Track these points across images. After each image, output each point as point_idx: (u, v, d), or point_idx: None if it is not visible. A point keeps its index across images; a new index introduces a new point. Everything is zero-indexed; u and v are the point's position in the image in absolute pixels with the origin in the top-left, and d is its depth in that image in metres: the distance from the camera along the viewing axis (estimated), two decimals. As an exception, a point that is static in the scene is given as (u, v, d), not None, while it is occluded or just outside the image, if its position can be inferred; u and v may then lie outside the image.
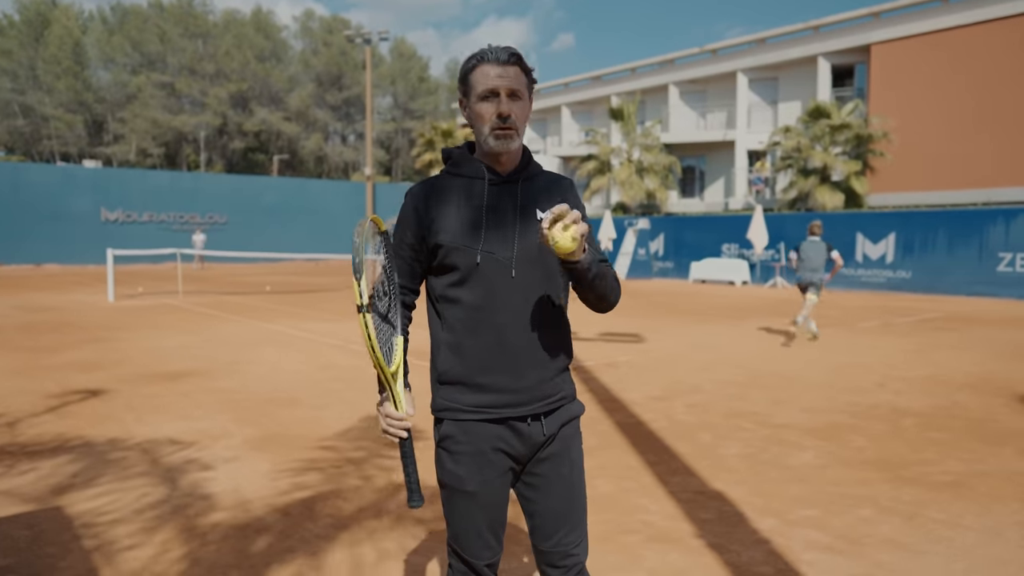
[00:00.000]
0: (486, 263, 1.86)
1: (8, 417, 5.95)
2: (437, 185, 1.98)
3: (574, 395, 2.05)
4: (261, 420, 5.94)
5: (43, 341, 10.08)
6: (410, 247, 1.96)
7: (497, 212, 1.90)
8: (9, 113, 51.67)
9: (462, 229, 1.89)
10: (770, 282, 22.18)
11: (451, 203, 1.92)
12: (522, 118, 1.88)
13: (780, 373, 8.10)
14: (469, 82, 1.89)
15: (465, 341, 1.91)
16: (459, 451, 1.92)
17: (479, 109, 1.86)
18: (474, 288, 1.88)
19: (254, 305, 15.44)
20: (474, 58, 1.88)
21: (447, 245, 1.88)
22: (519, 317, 1.89)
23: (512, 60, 1.85)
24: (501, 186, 1.92)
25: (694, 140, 34.64)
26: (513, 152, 1.90)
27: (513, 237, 1.88)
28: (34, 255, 31.26)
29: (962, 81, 26.04)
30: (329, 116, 61.33)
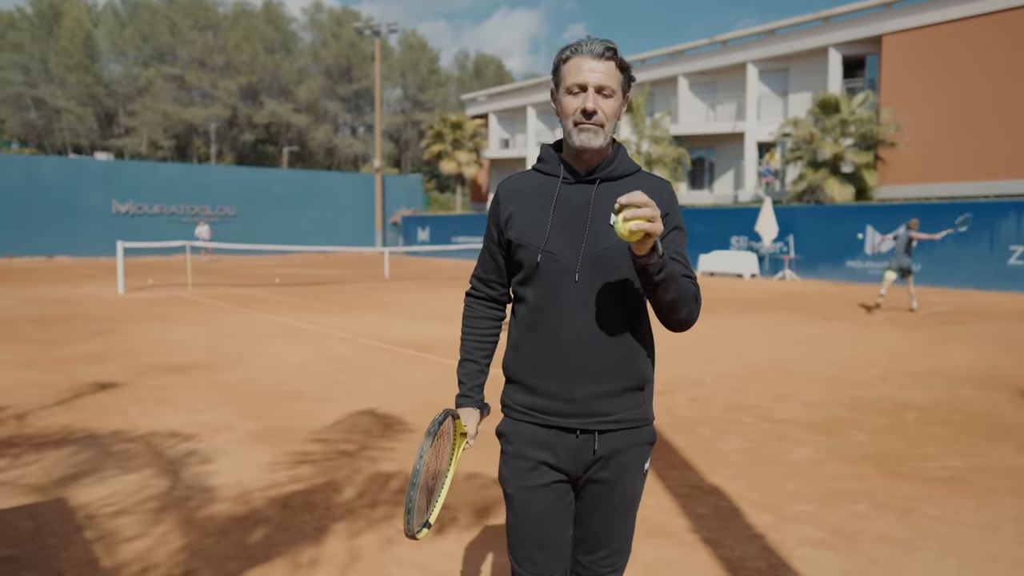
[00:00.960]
0: (547, 263, 1.81)
1: (17, 409, 6.03)
2: (520, 180, 1.96)
3: (647, 420, 1.92)
4: (264, 413, 6.00)
5: (53, 333, 10.18)
6: (493, 241, 1.98)
7: (567, 212, 1.83)
8: (22, 106, 51.99)
9: (529, 226, 1.86)
10: (779, 275, 22.10)
11: (526, 199, 1.90)
12: (611, 115, 1.80)
13: (783, 367, 8.10)
14: (560, 74, 1.83)
15: (524, 340, 1.89)
16: (507, 450, 1.92)
17: (565, 103, 1.81)
18: (536, 288, 1.85)
19: (263, 297, 15.52)
20: (568, 50, 1.82)
21: (514, 241, 1.88)
22: (575, 324, 1.81)
23: (607, 55, 1.77)
24: (576, 185, 1.86)
25: (703, 132, 34.48)
26: (596, 150, 1.81)
27: (581, 240, 1.80)
28: (46, 247, 31.50)
29: (974, 72, 25.79)
30: (339, 108, 61.41)
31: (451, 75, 71.17)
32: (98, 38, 54.37)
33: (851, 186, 26.04)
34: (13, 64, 51.28)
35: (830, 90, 28.82)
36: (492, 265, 2.01)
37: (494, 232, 1.97)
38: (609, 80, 1.77)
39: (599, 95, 1.77)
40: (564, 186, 1.86)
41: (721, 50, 34.73)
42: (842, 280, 20.71)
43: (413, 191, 44.24)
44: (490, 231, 1.99)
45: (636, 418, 1.88)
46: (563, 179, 1.86)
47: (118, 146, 53.39)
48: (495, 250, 1.98)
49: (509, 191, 1.95)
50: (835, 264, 21.12)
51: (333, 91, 60.62)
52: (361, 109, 62.32)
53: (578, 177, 1.85)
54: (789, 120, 28.33)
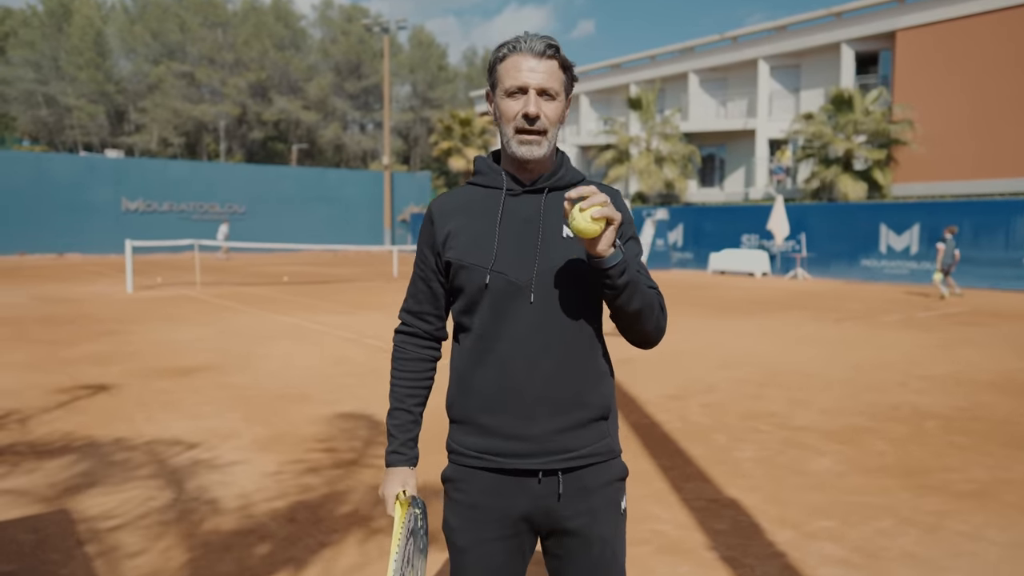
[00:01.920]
0: (497, 285, 1.62)
1: (20, 414, 5.96)
2: (455, 196, 1.77)
3: (614, 453, 1.73)
4: (270, 418, 5.90)
5: (60, 333, 10.13)
6: (428, 267, 1.77)
7: (515, 226, 1.66)
8: (33, 103, 52.18)
9: (472, 245, 1.66)
10: (791, 273, 21.90)
11: (466, 216, 1.70)
12: (554, 120, 1.63)
13: (799, 371, 7.95)
14: (497, 74, 1.66)
15: (470, 373, 1.69)
16: (456, 498, 1.71)
17: (504, 106, 1.63)
18: (484, 314, 1.65)
19: (270, 296, 15.46)
20: (505, 47, 1.64)
21: (455, 263, 1.68)
22: (534, 350, 1.62)
23: (549, 53, 1.61)
24: (522, 197, 1.69)
25: (714, 129, 34.24)
26: (540, 160, 1.65)
27: (533, 256, 1.63)
28: (56, 244, 31.59)
29: (988, 69, 25.47)
30: (348, 105, 61.36)
31: (460, 72, 70.96)
32: (108, 35, 54.48)
33: (864, 184, 25.79)
34: (24, 62, 51.46)
35: (843, 87, 28.53)
36: (427, 295, 1.78)
37: (428, 256, 1.75)
38: (551, 81, 1.61)
39: (541, 98, 1.61)
40: (509, 198, 1.69)
41: (732, 46, 34.48)
42: (856, 279, 20.49)
43: (422, 188, 44.16)
44: (423, 256, 1.77)
45: (602, 451, 1.68)
46: (507, 190, 1.69)
47: (128, 143, 53.53)
48: (430, 277, 1.76)
49: (444, 209, 1.75)
50: (849, 263, 20.90)
51: (342, 88, 60.58)
52: (370, 106, 62.26)
53: (523, 187, 1.69)
54: (801, 116, 28.09)
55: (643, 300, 1.59)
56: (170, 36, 54.61)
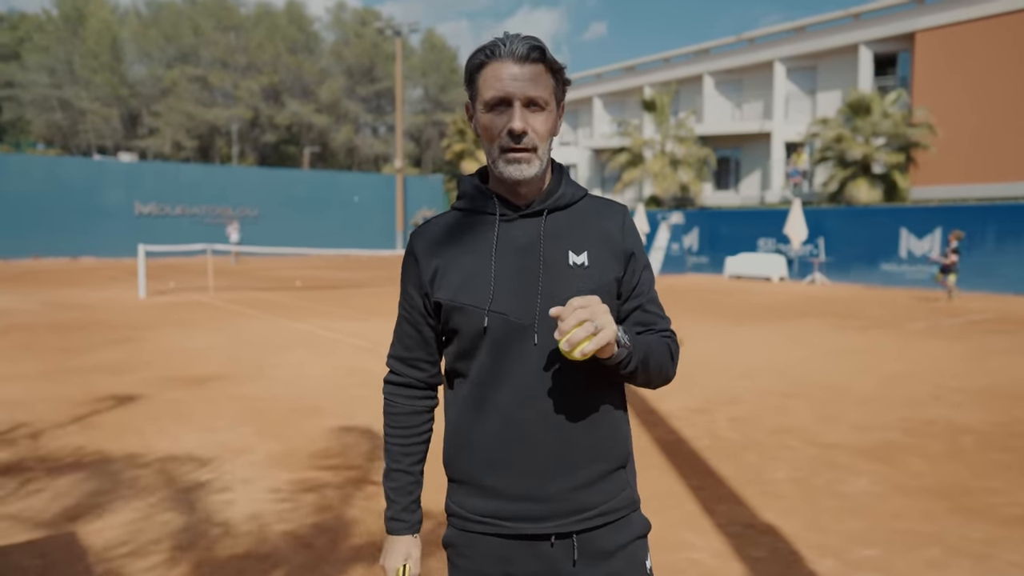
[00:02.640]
0: (497, 327, 1.43)
1: (31, 427, 5.83)
2: (440, 226, 1.56)
3: (635, 505, 1.56)
4: (284, 432, 5.75)
5: (72, 341, 10.03)
6: (416, 310, 1.56)
7: (512, 257, 1.46)
8: (47, 107, 52.48)
9: (465, 282, 1.47)
10: (808, 278, 21.60)
11: (455, 249, 1.50)
12: (544, 134, 1.43)
13: (826, 382, 7.73)
14: (476, 85, 1.45)
15: (469, 426, 1.49)
16: (460, 565, 1.54)
17: (486, 122, 1.43)
18: (482, 360, 1.46)
19: (283, 302, 15.34)
20: (482, 52, 1.43)
21: (446, 304, 1.48)
22: (542, 400, 1.44)
23: (533, 56, 1.40)
24: (517, 222, 1.49)
25: (729, 131, 33.94)
26: (532, 179, 1.45)
27: (535, 291, 1.44)
28: (70, 248, 31.66)
29: (1011, 70, 25.08)
30: (360, 108, 61.41)
31: (472, 74, 70.57)
32: (123, 39, 54.75)
33: (882, 187, 25.45)
34: (39, 66, 51.77)
35: (861, 88, 28.20)
36: (416, 340, 1.58)
37: (415, 298, 1.54)
38: (538, 89, 1.41)
39: (528, 110, 1.41)
40: (503, 224, 1.49)
41: (747, 48, 34.19)
42: (876, 284, 20.16)
43: (434, 191, 44.06)
44: (408, 297, 1.57)
45: (622, 506, 1.51)
46: (500, 216, 1.49)
47: (142, 147, 53.74)
48: (419, 320, 1.55)
49: (429, 241, 1.54)
50: (869, 267, 20.58)
51: (354, 91, 60.62)
52: (382, 109, 62.28)
53: (519, 211, 1.49)
54: (818, 120, 27.78)
55: (650, 371, 1.47)
56: (184, 40, 54.82)
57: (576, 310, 1.26)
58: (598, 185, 40.68)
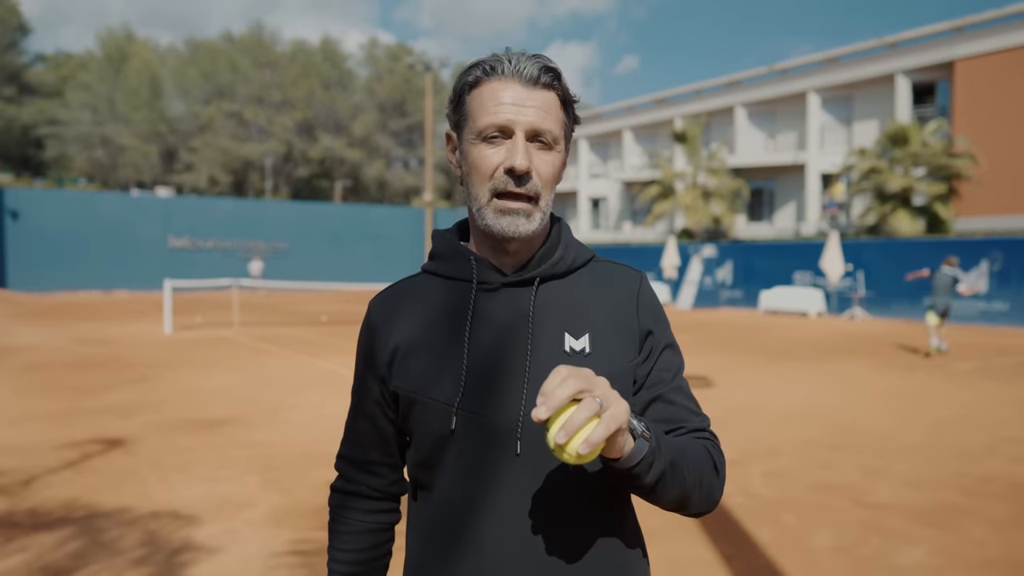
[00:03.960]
0: (467, 430, 1.10)
1: (27, 474, 5.58)
2: (407, 291, 1.24)
3: None
4: (290, 483, 5.42)
5: (88, 379, 9.86)
6: (371, 398, 1.23)
7: (492, 339, 1.13)
8: (89, 144, 53.77)
9: (430, 369, 1.14)
10: (847, 313, 20.90)
11: (420, 324, 1.18)
12: (549, 180, 1.11)
13: (871, 431, 7.21)
14: (465, 109, 1.14)
15: (433, 562, 1.15)
16: None
17: (476, 156, 1.11)
18: (449, 472, 1.13)
19: (307, 339, 15.14)
20: (478, 68, 1.12)
21: (404, 395, 1.16)
22: (526, 531, 1.09)
23: (546, 80, 1.10)
24: (501, 293, 1.16)
25: (763, 163, 33.42)
26: (528, 237, 1.13)
27: (520, 385, 1.10)
28: (104, 281, 32.02)
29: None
30: (391, 142, 62.01)
31: (503, 108, 71.02)
32: (162, 77, 56.08)
33: (923, 219, 24.69)
34: (82, 104, 53.17)
35: (898, 118, 27.58)
36: (372, 438, 1.25)
37: (370, 383, 1.22)
38: (549, 121, 1.09)
39: (533, 145, 1.10)
40: (482, 295, 1.16)
41: (780, 79, 33.79)
42: (919, 319, 19.40)
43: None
44: (363, 379, 1.24)
45: None
46: (479, 284, 1.16)
47: (178, 182, 54.73)
48: (375, 413, 1.23)
49: (389, 311, 1.22)
50: (911, 303, 19.83)
51: (386, 126, 61.27)
52: (413, 143, 62.81)
53: (503, 279, 1.16)
54: (855, 150, 27.19)
55: (686, 485, 1.06)
56: (221, 77, 55.98)
57: (567, 379, 0.89)
58: (629, 218, 40.31)
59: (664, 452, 1.01)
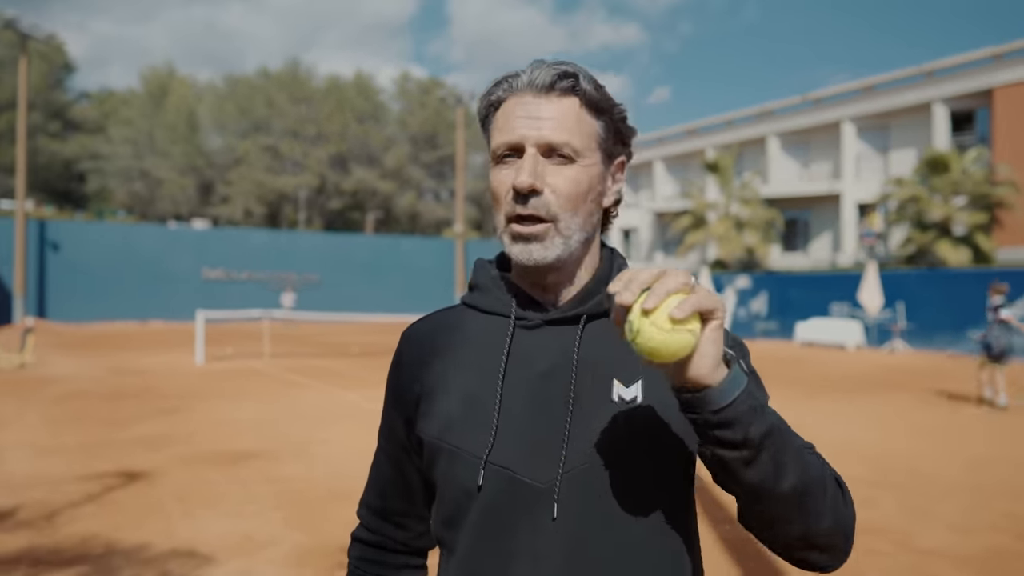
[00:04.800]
0: (496, 488, 0.97)
1: (51, 507, 5.55)
2: (440, 325, 1.13)
3: None
4: (315, 520, 5.32)
5: (121, 411, 9.90)
6: (398, 441, 1.13)
7: (528, 384, 1.00)
8: (129, 177, 55.04)
9: (459, 415, 1.02)
10: (887, 346, 20.39)
11: (452, 362, 1.06)
12: (570, 198, 0.98)
13: (913, 468, 6.92)
14: (489, 131, 1.05)
15: None
16: None
17: (492, 180, 1.02)
18: (472, 534, 1.00)
19: (338, 370, 15.13)
20: (499, 87, 1.03)
21: (429, 442, 1.04)
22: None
23: (562, 86, 0.98)
24: (542, 331, 1.03)
25: (797, 193, 33.02)
26: (556, 266, 1.00)
27: (559, 439, 0.97)
28: (140, 312, 32.50)
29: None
30: (423, 174, 62.62)
31: (534, 140, 71.52)
32: (201, 113, 57.40)
33: (967, 249, 24.10)
34: (123, 139, 54.55)
35: (936, 146, 27.12)
36: (398, 486, 1.14)
37: (397, 423, 1.12)
38: (563, 132, 0.97)
39: (547, 161, 0.98)
40: (521, 333, 1.03)
41: (814, 108, 33.53)
42: (963, 352, 18.85)
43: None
44: (390, 419, 1.14)
45: None
46: (517, 320, 1.04)
47: (214, 214, 55.72)
48: (401, 456, 1.12)
49: (420, 347, 1.11)
50: (954, 335, 19.28)
51: (418, 158, 61.93)
52: (444, 175, 63.37)
53: (545, 315, 1.03)
54: (892, 179, 26.76)
55: (801, 468, 0.86)
56: (257, 112, 57.13)
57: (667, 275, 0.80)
58: (660, 248, 40.04)
59: (763, 405, 0.85)
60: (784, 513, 0.87)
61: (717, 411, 0.80)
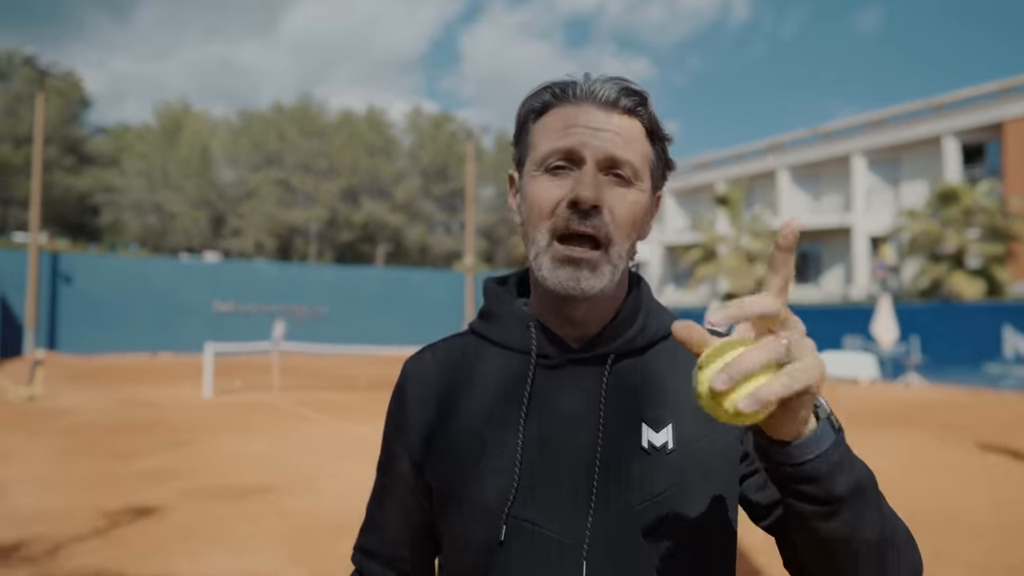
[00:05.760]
0: (520, 544, 0.89)
1: (54, 542, 5.45)
2: (448, 357, 1.04)
3: None
4: (320, 556, 5.21)
5: (128, 444, 9.82)
6: (401, 477, 1.04)
7: (553, 431, 0.92)
8: (142, 211, 55.58)
9: (472, 461, 0.93)
10: (902, 380, 20.13)
11: (463, 401, 0.97)
12: (626, 223, 0.90)
13: (933, 508, 6.74)
14: (528, 138, 0.95)
15: None
16: None
17: (535, 191, 0.90)
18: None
19: (347, 403, 15.04)
20: (547, 91, 0.93)
21: (439, 489, 0.97)
22: None
23: (627, 105, 0.91)
24: (564, 372, 0.94)
25: (807, 226, 32.75)
26: (594, 298, 0.91)
27: (588, 490, 0.89)
28: (150, 344, 32.56)
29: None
30: (433, 207, 63.01)
31: (544, 173, 71.93)
32: (214, 147, 58.10)
33: (981, 281, 23.88)
34: (138, 172, 55.21)
35: (948, 179, 27.07)
36: (399, 528, 1.05)
37: (401, 460, 1.03)
38: (630, 151, 0.90)
39: (608, 177, 0.89)
40: (542, 373, 0.94)
41: (824, 141, 33.60)
42: (979, 386, 18.59)
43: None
44: (391, 455, 1.05)
45: None
46: (538, 357, 0.95)
47: (226, 247, 56.09)
48: (404, 495, 1.03)
49: (426, 377, 1.03)
50: (971, 369, 19.02)
51: (429, 191, 62.37)
52: (455, 208, 63.70)
53: (570, 354, 0.95)
54: (904, 212, 26.68)
55: (884, 522, 0.79)
56: (269, 146, 57.78)
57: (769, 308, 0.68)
58: (671, 281, 39.94)
59: (856, 460, 0.76)
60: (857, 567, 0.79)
61: (798, 464, 0.72)
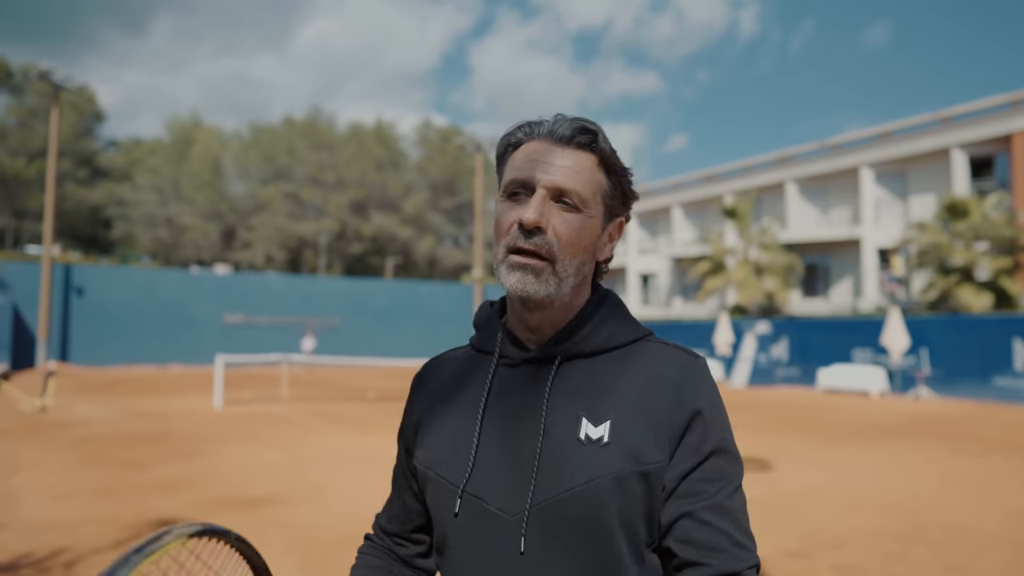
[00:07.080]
0: (471, 517, 1.02)
1: (70, 553, 5.50)
2: (442, 364, 1.23)
3: None
4: (328, 566, 5.24)
5: (138, 454, 9.89)
6: (401, 467, 1.24)
7: (505, 419, 1.05)
8: (154, 224, 55.99)
9: (442, 445, 1.09)
10: (912, 392, 20.03)
11: (445, 395, 1.15)
12: (570, 243, 1.02)
13: (946, 522, 6.71)
14: (503, 169, 1.12)
15: None
16: None
17: (498, 213, 1.07)
18: (452, 562, 1.06)
19: (355, 415, 15.08)
20: (520, 130, 1.09)
21: (421, 471, 1.12)
22: None
23: (580, 141, 1.04)
24: (521, 369, 1.08)
25: (816, 238, 32.89)
26: (544, 301, 1.04)
27: (528, 474, 1.00)
28: (160, 356, 32.74)
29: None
30: (442, 220, 63.22)
31: (552, 186, 72.13)
32: (225, 160, 58.54)
33: (990, 294, 23.79)
34: (149, 186, 55.68)
35: (956, 192, 27.01)
36: (399, 510, 1.24)
37: (402, 452, 1.24)
38: (576, 182, 1.02)
39: (556, 205, 1.02)
40: (503, 371, 1.10)
41: (832, 154, 33.57)
42: (989, 399, 18.49)
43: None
44: (399, 448, 1.26)
45: None
46: (500, 358, 1.11)
47: (236, 259, 56.40)
48: (403, 483, 1.23)
49: (423, 381, 1.23)
50: (980, 382, 18.94)
51: (437, 204, 62.62)
52: (463, 220, 63.92)
53: (525, 354, 1.08)
54: (913, 224, 26.62)
55: None
56: (279, 159, 58.18)
57: None
58: (679, 293, 39.90)
59: None
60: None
61: None
